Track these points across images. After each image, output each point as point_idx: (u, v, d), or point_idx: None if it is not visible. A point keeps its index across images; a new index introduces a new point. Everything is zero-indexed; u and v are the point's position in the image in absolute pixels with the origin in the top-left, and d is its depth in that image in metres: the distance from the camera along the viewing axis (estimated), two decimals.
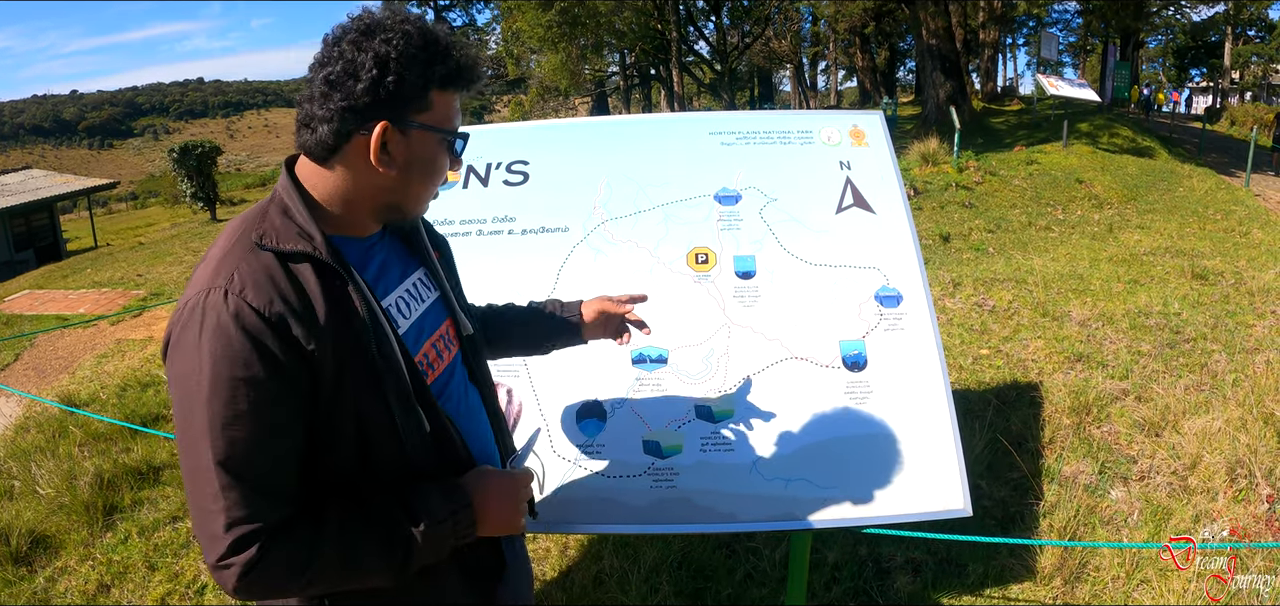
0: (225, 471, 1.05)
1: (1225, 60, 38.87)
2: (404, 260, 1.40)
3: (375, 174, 1.19)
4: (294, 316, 1.09)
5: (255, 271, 1.09)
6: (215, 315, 1.06)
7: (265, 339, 1.06)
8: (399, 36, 1.14)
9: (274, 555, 1.07)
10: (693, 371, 2.21)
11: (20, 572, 3.27)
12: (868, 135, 2.67)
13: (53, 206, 23.81)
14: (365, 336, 1.16)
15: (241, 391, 1.05)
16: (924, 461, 2.12)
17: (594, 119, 2.91)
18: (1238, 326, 5.16)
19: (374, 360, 1.17)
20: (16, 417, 5.15)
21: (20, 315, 9.13)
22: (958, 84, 19.36)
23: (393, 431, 1.20)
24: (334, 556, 1.12)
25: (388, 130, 1.16)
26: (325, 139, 1.17)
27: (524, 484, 1.35)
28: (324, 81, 1.15)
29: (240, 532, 1.05)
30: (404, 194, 1.25)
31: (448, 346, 1.43)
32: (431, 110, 1.21)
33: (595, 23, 25.24)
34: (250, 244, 1.13)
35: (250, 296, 1.07)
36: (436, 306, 1.43)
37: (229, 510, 1.05)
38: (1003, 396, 4.28)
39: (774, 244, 2.40)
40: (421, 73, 1.16)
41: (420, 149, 1.21)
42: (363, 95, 1.13)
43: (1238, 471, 3.28)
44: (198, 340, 1.06)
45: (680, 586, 2.90)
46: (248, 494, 1.06)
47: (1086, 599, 2.79)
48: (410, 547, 1.17)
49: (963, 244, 9.29)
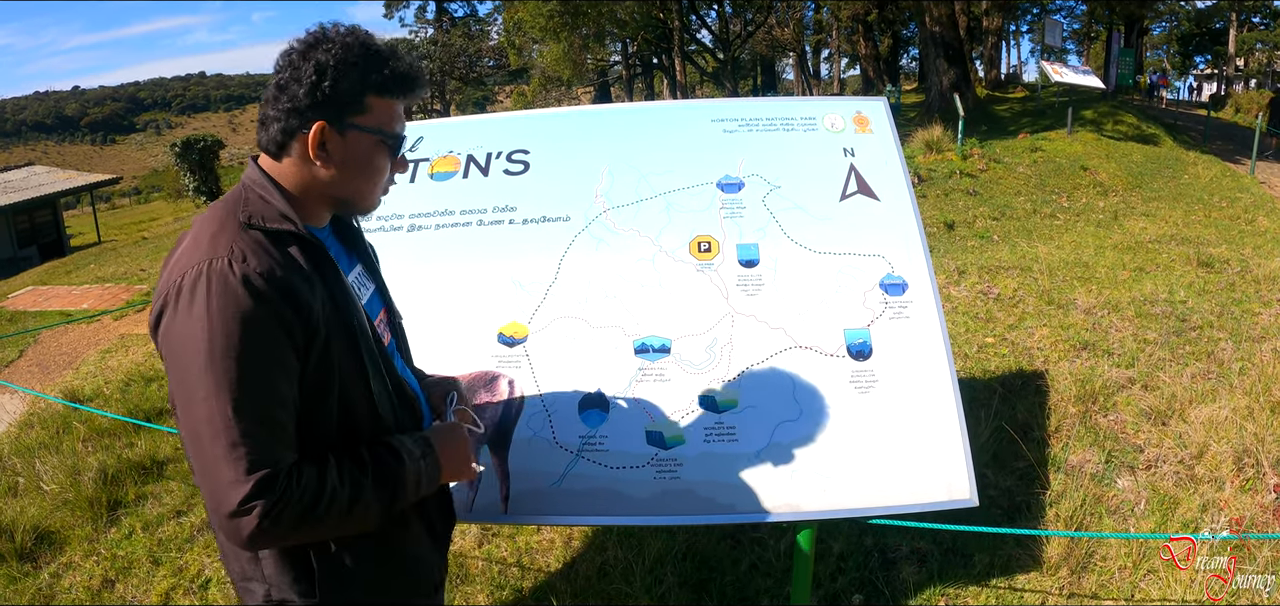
0: (243, 419, 1.15)
1: (1230, 47, 38.62)
2: (347, 255, 1.55)
3: (317, 168, 1.33)
4: (298, 279, 1.23)
5: (253, 245, 1.22)
6: (221, 281, 1.17)
7: (272, 300, 1.19)
8: (339, 47, 1.29)
9: (292, 494, 1.19)
10: (696, 361, 2.20)
11: (25, 569, 3.27)
12: (872, 122, 2.65)
13: (56, 203, 23.85)
14: (350, 302, 1.34)
15: (255, 346, 1.17)
16: (929, 451, 2.10)
17: (595, 107, 2.89)
18: (1244, 314, 5.13)
19: (352, 328, 1.33)
20: (20, 414, 5.15)
21: (24, 312, 9.15)
22: (961, 71, 19.25)
23: (366, 389, 1.36)
24: (341, 494, 1.25)
25: (325, 129, 1.31)
26: (275, 136, 1.32)
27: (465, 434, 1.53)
28: (275, 86, 1.31)
29: (262, 475, 1.16)
30: (346, 188, 1.38)
31: (384, 331, 1.60)
32: (368, 113, 1.34)
33: (597, 12, 25.12)
34: (239, 224, 1.25)
35: (254, 264, 1.19)
36: (374, 297, 1.60)
37: (249, 454, 1.15)
38: (1008, 385, 4.26)
39: (777, 232, 2.38)
40: (358, 79, 1.31)
41: (356, 148, 1.35)
42: (304, 98, 1.28)
43: (1244, 460, 3.26)
44: (206, 306, 1.16)
45: (685, 577, 2.89)
46: (266, 439, 1.18)
47: (1093, 589, 2.77)
48: (400, 483, 1.35)
49: (967, 232, 9.25)
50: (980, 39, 28.82)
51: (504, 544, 3.19)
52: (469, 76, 43.34)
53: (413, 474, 1.37)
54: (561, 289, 2.32)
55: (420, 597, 1.54)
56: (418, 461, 1.39)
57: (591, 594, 2.86)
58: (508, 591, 2.95)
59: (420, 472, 1.39)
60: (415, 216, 2.51)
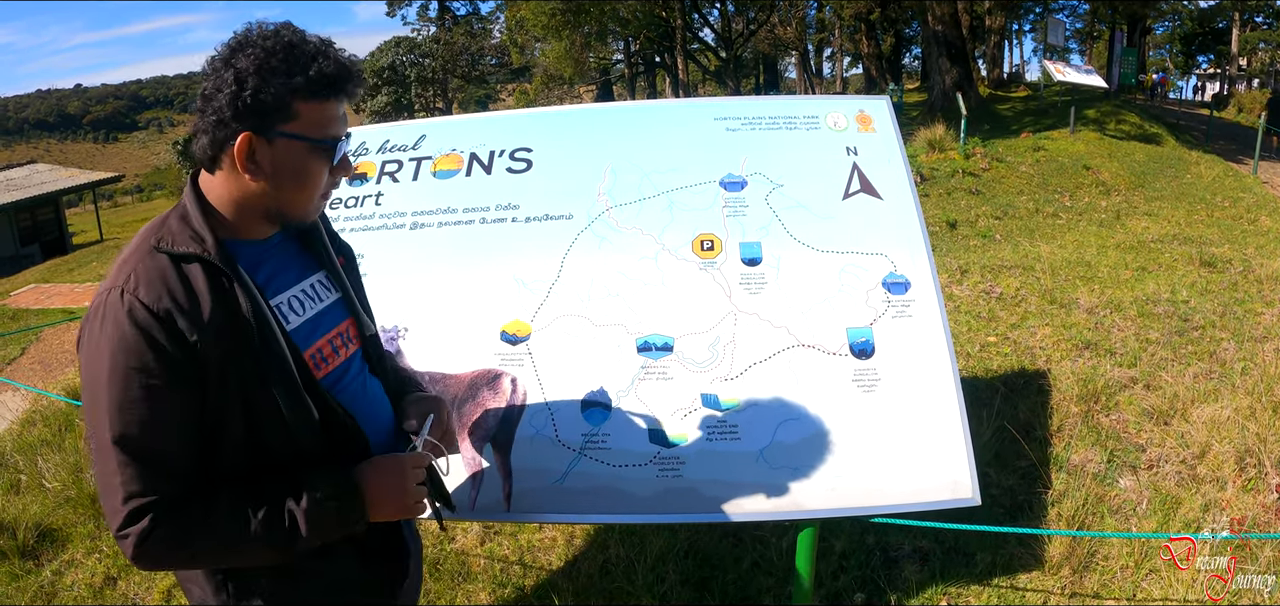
0: (122, 449, 1.17)
1: (1233, 46, 38.55)
2: (302, 263, 1.48)
3: (247, 181, 1.28)
4: (180, 313, 1.20)
5: (150, 272, 1.21)
6: (113, 312, 1.19)
7: (155, 332, 1.17)
8: (259, 52, 1.22)
9: (165, 525, 1.19)
10: (699, 359, 2.20)
11: (27, 566, 3.27)
12: (875, 120, 2.64)
13: (58, 201, 23.88)
14: (249, 330, 1.25)
15: (134, 379, 1.17)
16: (932, 450, 2.10)
17: (598, 105, 2.89)
18: (1246, 314, 5.12)
19: (257, 352, 1.26)
20: (23, 412, 5.16)
21: (26, 309, 9.17)
22: (964, 70, 19.23)
23: (280, 419, 1.28)
24: (222, 528, 1.23)
25: (252, 140, 1.24)
26: (205, 149, 1.27)
27: (413, 466, 1.40)
28: (201, 97, 1.26)
29: (136, 505, 1.18)
30: (279, 199, 1.32)
31: (345, 344, 1.50)
32: (297, 119, 1.27)
33: (599, 10, 25.13)
34: (149, 247, 1.25)
35: (143, 295, 1.19)
36: (336, 306, 1.51)
37: (126, 484, 1.18)
38: (1010, 384, 4.26)
39: (780, 230, 2.38)
40: (282, 84, 1.23)
41: (287, 157, 1.28)
42: (227, 109, 1.22)
43: (1247, 460, 3.25)
44: (100, 334, 1.19)
45: (687, 575, 2.89)
46: (142, 470, 1.18)
47: (1095, 588, 2.77)
48: (294, 525, 1.26)
49: (970, 231, 9.24)
50: (983, 38, 28.80)
51: (506, 542, 3.20)
52: (471, 75, 43.36)
53: (315, 517, 1.27)
54: (564, 287, 2.32)
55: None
56: (323, 503, 1.28)
57: (593, 592, 2.86)
58: (510, 589, 2.95)
59: (327, 515, 1.28)
60: (418, 214, 2.51)
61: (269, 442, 1.29)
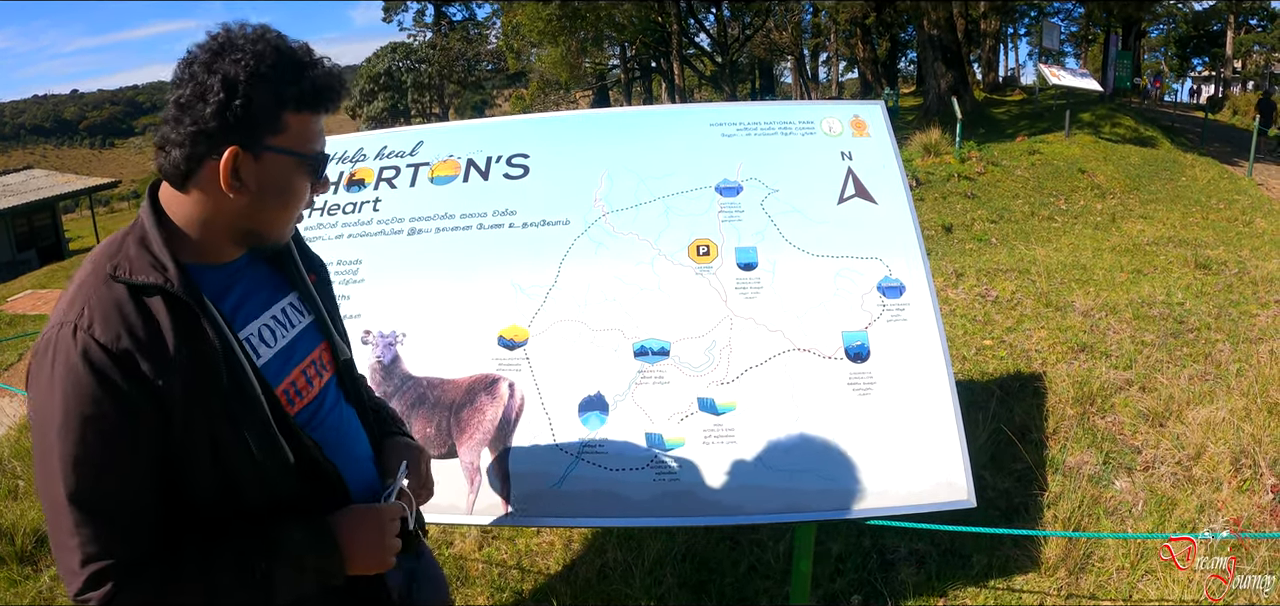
0: (77, 508, 1.05)
1: (1227, 49, 38.69)
2: (272, 285, 1.35)
3: (227, 199, 1.15)
4: (141, 352, 1.07)
5: (105, 305, 1.09)
6: (65, 352, 1.06)
7: (112, 375, 1.05)
8: (250, 57, 1.11)
9: (129, 591, 1.07)
10: (695, 363, 2.21)
11: (25, 572, 3.27)
12: (869, 125, 2.66)
13: (55, 206, 23.82)
14: (217, 369, 1.13)
15: (90, 429, 1.05)
16: (927, 452, 2.11)
17: (594, 111, 2.90)
18: (1241, 316, 5.14)
19: (226, 393, 1.14)
20: (20, 417, 5.16)
21: (23, 315, 9.16)
22: (959, 74, 19.29)
23: (253, 462, 1.17)
24: (191, 591, 1.12)
25: (238, 155, 1.13)
26: (178, 163, 1.13)
27: (390, 518, 1.31)
28: (175, 104, 1.12)
29: (94, 569, 1.06)
30: (258, 219, 1.21)
31: (319, 372, 1.39)
32: (286, 132, 1.16)
33: (595, 16, 25.16)
34: (104, 275, 1.11)
35: (98, 332, 1.06)
36: (309, 331, 1.39)
37: (83, 546, 1.06)
38: (1006, 387, 4.27)
39: (776, 235, 2.39)
40: (273, 94, 1.13)
41: (274, 173, 1.18)
42: (211, 119, 1.10)
43: (1242, 461, 3.27)
44: (51, 376, 1.06)
45: (684, 578, 2.90)
46: (100, 530, 1.06)
47: (1091, 589, 2.78)
48: (269, 583, 1.16)
49: (965, 234, 9.27)
50: (978, 42, 28.86)
51: (504, 546, 3.20)
52: (467, 80, 43.40)
53: (289, 574, 1.18)
54: (561, 292, 2.33)
55: None
56: (298, 559, 1.19)
57: (591, 595, 2.87)
58: (508, 593, 2.96)
59: (303, 570, 1.20)
60: (415, 220, 2.52)
61: (240, 489, 1.18)
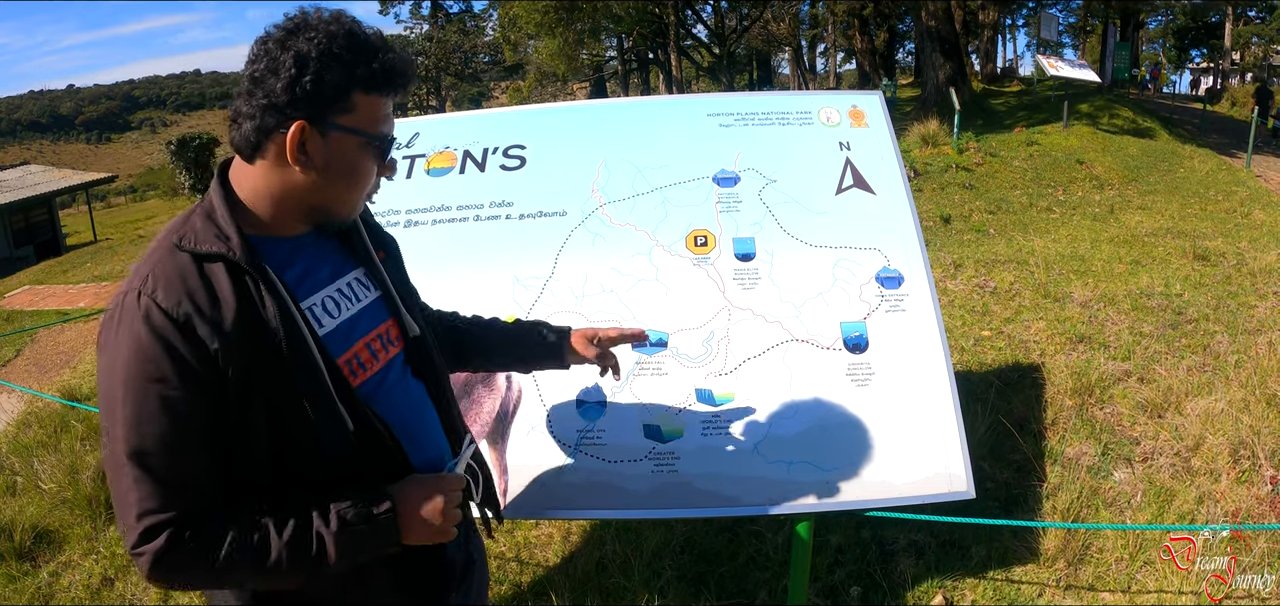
0: (136, 464, 1.10)
1: (1226, 41, 38.62)
2: (338, 260, 1.38)
3: (295, 174, 1.20)
4: (201, 318, 1.11)
5: (169, 273, 1.13)
6: (130, 316, 1.11)
7: (173, 340, 1.10)
8: (322, 36, 1.15)
9: (183, 545, 1.11)
10: (693, 355, 2.20)
11: (24, 568, 3.27)
12: (867, 116, 2.65)
13: (51, 202, 23.76)
14: (276, 337, 1.16)
15: (151, 390, 1.09)
16: (926, 443, 2.11)
17: (591, 102, 2.89)
18: (1240, 307, 5.14)
19: (285, 360, 1.17)
20: (18, 413, 5.15)
21: (20, 311, 9.14)
22: (957, 65, 19.26)
23: (310, 429, 1.20)
24: (245, 551, 1.14)
25: (305, 129, 1.17)
26: (248, 136, 1.18)
27: (450, 489, 1.32)
28: (249, 78, 1.17)
29: (150, 522, 1.10)
30: (325, 195, 1.24)
31: (385, 347, 1.39)
32: (354, 112, 1.20)
33: (592, 7, 25.09)
34: (171, 245, 1.16)
35: (161, 298, 1.11)
36: (375, 306, 1.40)
37: (141, 501, 1.10)
38: (1005, 378, 4.27)
39: (774, 225, 2.39)
40: (344, 74, 1.17)
41: (340, 151, 1.21)
42: (282, 93, 1.14)
43: (1240, 452, 3.27)
44: (116, 339, 1.12)
45: (683, 570, 2.90)
46: (158, 486, 1.10)
47: (1090, 580, 2.78)
48: (322, 548, 1.18)
49: (963, 225, 9.27)
50: (976, 33, 28.81)
51: (502, 539, 3.20)
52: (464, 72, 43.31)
53: (345, 539, 1.19)
54: (558, 284, 2.33)
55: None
56: (354, 526, 1.20)
57: (590, 587, 2.87)
58: (507, 586, 2.96)
59: (359, 537, 1.20)
60: (412, 212, 2.51)
61: (298, 457, 1.21)
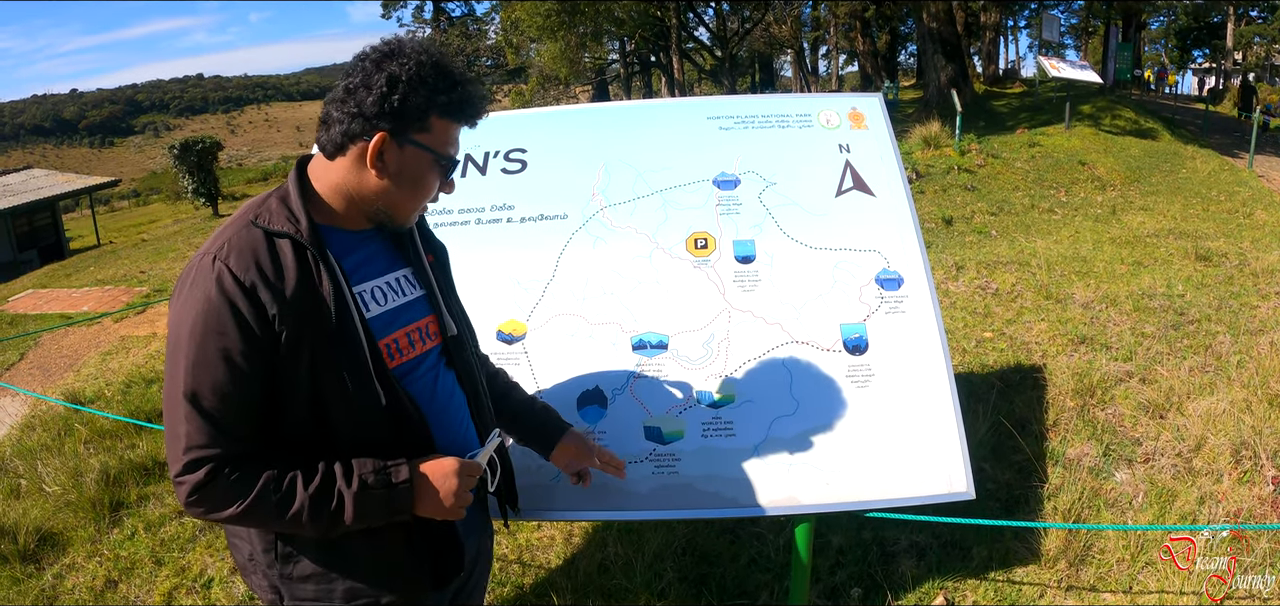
0: (190, 404, 1.26)
1: (1228, 41, 38.58)
2: (391, 257, 1.54)
3: (369, 176, 1.38)
4: (265, 285, 1.28)
5: (242, 244, 1.30)
6: (204, 276, 1.28)
7: (238, 302, 1.26)
8: (413, 63, 1.33)
9: (221, 480, 1.28)
10: (693, 356, 2.21)
11: (28, 570, 3.28)
12: (867, 118, 2.66)
13: (55, 206, 23.85)
14: (327, 309, 1.32)
15: (213, 342, 1.26)
16: (927, 444, 2.11)
17: (592, 105, 2.90)
18: (1242, 308, 5.14)
19: (332, 331, 1.33)
20: (22, 416, 5.16)
21: (24, 315, 9.16)
22: (959, 67, 19.23)
23: (347, 399, 1.35)
24: (271, 494, 1.30)
25: (386, 140, 1.35)
26: (335, 137, 1.36)
27: (466, 471, 1.44)
28: (344, 88, 1.35)
29: (195, 455, 1.27)
30: (391, 199, 1.41)
31: (423, 339, 1.55)
32: (430, 132, 1.38)
33: (594, 11, 25.06)
34: (247, 221, 1.34)
35: (232, 264, 1.28)
36: (419, 302, 1.56)
37: (190, 436, 1.26)
38: (1006, 379, 4.27)
39: (774, 228, 2.39)
40: (426, 97, 1.34)
41: (412, 164, 1.39)
42: (372, 106, 1.32)
43: (1242, 453, 3.27)
44: (190, 293, 1.28)
45: (684, 572, 2.91)
46: (205, 425, 1.27)
47: (1091, 581, 2.78)
48: (341, 507, 1.33)
49: (965, 227, 9.26)
50: (978, 35, 28.80)
51: (504, 541, 3.21)
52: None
53: (362, 500, 1.34)
54: (559, 286, 2.33)
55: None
56: (372, 489, 1.35)
57: (592, 589, 2.87)
58: (509, 588, 2.96)
59: (375, 500, 1.35)
60: None
61: (333, 422, 1.36)
